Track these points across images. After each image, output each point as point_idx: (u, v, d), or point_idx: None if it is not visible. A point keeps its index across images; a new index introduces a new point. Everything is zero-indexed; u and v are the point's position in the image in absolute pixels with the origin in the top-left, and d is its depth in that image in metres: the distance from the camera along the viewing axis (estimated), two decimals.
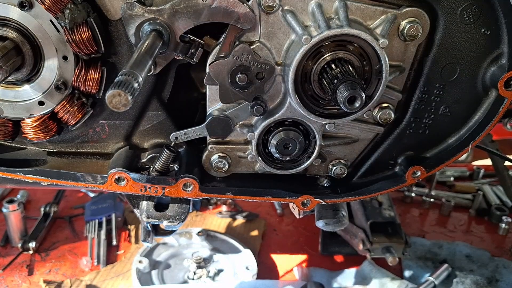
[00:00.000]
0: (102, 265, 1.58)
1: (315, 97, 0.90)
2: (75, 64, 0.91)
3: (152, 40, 0.79)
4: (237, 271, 1.56)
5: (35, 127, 0.97)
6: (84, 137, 1.04)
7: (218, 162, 1.00)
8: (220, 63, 0.86)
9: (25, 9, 0.86)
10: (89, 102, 0.97)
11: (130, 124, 1.04)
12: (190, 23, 0.84)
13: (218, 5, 0.82)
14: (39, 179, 0.96)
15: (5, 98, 0.96)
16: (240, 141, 1.00)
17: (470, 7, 0.89)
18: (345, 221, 1.08)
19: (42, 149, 1.05)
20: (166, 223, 1.00)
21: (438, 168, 1.02)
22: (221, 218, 1.87)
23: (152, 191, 0.96)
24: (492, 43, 0.92)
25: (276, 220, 1.88)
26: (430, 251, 1.67)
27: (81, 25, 0.86)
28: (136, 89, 0.62)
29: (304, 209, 1.02)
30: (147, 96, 1.01)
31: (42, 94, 0.95)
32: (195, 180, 0.96)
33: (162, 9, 0.82)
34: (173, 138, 0.98)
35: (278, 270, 1.61)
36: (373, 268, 1.55)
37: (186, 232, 1.71)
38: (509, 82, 0.92)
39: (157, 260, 1.60)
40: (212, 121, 0.95)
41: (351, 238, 1.56)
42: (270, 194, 1.01)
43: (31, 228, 1.70)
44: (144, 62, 0.70)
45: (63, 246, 1.68)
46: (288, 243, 1.75)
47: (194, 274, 1.53)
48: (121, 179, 0.95)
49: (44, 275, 1.53)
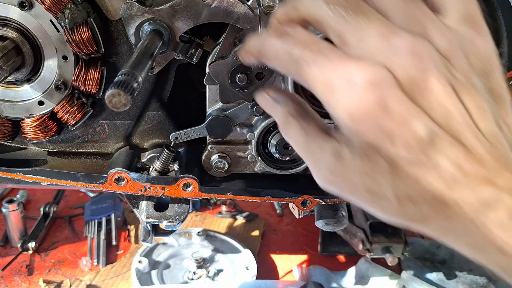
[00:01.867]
0: (102, 265, 1.58)
1: (315, 97, 0.90)
2: (75, 64, 0.92)
3: (152, 40, 0.79)
4: (237, 271, 1.56)
5: (34, 127, 0.97)
6: (84, 137, 1.04)
7: (218, 162, 1.00)
8: (220, 63, 0.86)
9: (25, 9, 0.86)
10: (89, 102, 0.97)
11: (130, 124, 1.04)
12: (190, 23, 0.84)
13: (218, 5, 0.82)
14: (38, 179, 0.96)
15: (5, 98, 0.96)
16: (240, 141, 1.00)
17: None
18: (345, 221, 1.08)
19: (42, 149, 1.05)
20: (166, 223, 1.00)
21: None
22: (221, 218, 1.87)
23: (152, 191, 0.96)
24: None
25: (275, 220, 1.88)
26: (428, 251, 1.67)
27: (81, 25, 0.86)
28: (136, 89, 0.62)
29: (304, 209, 1.02)
30: (147, 96, 1.01)
31: (42, 94, 0.95)
32: (194, 180, 0.96)
33: (162, 9, 0.82)
34: (172, 138, 0.98)
35: (277, 270, 1.61)
36: (369, 266, 1.55)
37: (185, 232, 1.71)
38: (509, 82, 0.92)
39: (156, 260, 1.60)
40: (212, 121, 0.95)
41: (351, 238, 1.56)
42: (270, 194, 1.01)
43: (30, 228, 1.70)
44: (144, 62, 0.70)
45: (62, 246, 1.68)
46: (287, 243, 1.75)
47: (193, 274, 1.53)
48: (121, 179, 0.95)
49: (43, 275, 1.53)
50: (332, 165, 0.55)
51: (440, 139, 0.48)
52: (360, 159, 0.52)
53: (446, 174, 0.48)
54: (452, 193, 0.48)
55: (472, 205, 0.47)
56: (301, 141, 0.60)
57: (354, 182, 0.54)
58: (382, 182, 0.52)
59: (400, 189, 0.51)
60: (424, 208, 0.50)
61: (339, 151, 0.54)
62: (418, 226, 0.54)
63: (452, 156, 0.48)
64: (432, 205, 0.50)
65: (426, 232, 0.54)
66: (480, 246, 0.49)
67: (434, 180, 0.49)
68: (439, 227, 0.52)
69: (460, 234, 0.50)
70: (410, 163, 0.49)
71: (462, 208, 0.48)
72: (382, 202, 0.53)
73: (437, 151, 0.48)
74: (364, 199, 0.55)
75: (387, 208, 0.54)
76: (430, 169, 0.49)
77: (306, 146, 0.60)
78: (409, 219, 0.53)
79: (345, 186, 0.56)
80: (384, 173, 0.51)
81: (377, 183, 0.52)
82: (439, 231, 0.53)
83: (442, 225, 0.51)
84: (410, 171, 0.50)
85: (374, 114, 0.49)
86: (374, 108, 0.49)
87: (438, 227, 0.52)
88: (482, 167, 0.48)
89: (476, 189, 0.47)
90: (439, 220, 0.51)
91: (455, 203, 0.48)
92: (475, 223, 0.48)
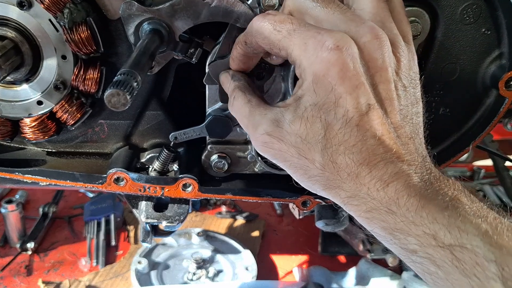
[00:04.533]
0: (101, 265, 1.58)
1: None
2: (74, 63, 0.91)
3: (152, 40, 0.79)
4: (237, 272, 1.55)
5: (33, 127, 0.97)
6: (83, 137, 1.04)
7: (217, 162, 1.00)
8: (220, 63, 0.85)
9: (24, 9, 0.86)
10: (88, 102, 0.97)
11: (129, 124, 1.03)
12: (190, 22, 0.84)
13: (218, 5, 0.82)
14: (37, 179, 0.96)
15: (4, 97, 0.95)
16: (240, 141, 1.00)
17: (470, 6, 0.89)
18: (345, 222, 1.07)
19: (41, 149, 1.04)
20: (165, 223, 1.00)
21: (438, 168, 1.02)
22: (221, 219, 1.87)
23: (151, 191, 0.96)
24: (493, 43, 0.92)
25: (275, 221, 1.88)
26: None
27: (80, 25, 0.86)
28: (135, 89, 0.62)
29: (304, 209, 1.02)
30: (146, 95, 1.00)
31: (41, 93, 0.94)
32: (194, 180, 0.96)
33: (162, 8, 0.82)
34: (172, 138, 0.98)
35: (278, 271, 1.61)
36: (370, 266, 1.54)
37: (185, 233, 1.71)
38: (510, 82, 0.91)
39: (156, 260, 1.60)
40: (212, 121, 0.95)
41: (351, 238, 1.56)
42: (270, 194, 1.01)
43: (30, 229, 1.70)
44: (143, 62, 0.70)
45: (62, 246, 1.68)
46: (287, 243, 1.75)
47: (193, 274, 1.53)
48: (120, 179, 0.95)
49: (42, 275, 1.53)
50: (271, 129, 0.64)
51: (375, 117, 0.58)
52: (299, 123, 0.61)
53: (369, 147, 0.58)
54: (372, 161, 0.57)
55: (381, 177, 0.57)
56: (246, 110, 0.68)
57: (288, 145, 0.62)
58: (313, 146, 0.60)
59: (327, 154, 0.59)
60: (342, 175, 0.59)
61: (279, 118, 0.63)
62: (329, 192, 0.62)
63: (378, 134, 0.58)
64: (350, 173, 0.58)
65: (333, 199, 0.63)
66: (373, 209, 0.59)
67: (358, 151, 0.58)
68: (349, 195, 0.60)
69: (363, 200, 0.59)
70: (343, 132, 0.58)
71: (373, 178, 0.57)
72: (308, 166, 0.62)
73: (369, 127, 0.58)
74: (293, 164, 0.64)
75: (310, 173, 0.62)
76: (358, 140, 0.58)
77: (250, 114, 0.67)
78: (326, 186, 0.62)
79: (279, 150, 0.64)
80: (318, 137, 0.60)
81: (308, 147, 0.61)
82: (346, 199, 0.61)
83: (352, 193, 0.60)
84: (340, 139, 0.58)
85: (332, 75, 0.58)
86: (335, 69, 0.58)
87: (348, 195, 0.60)
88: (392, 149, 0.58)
89: (385, 166, 0.57)
90: (351, 188, 0.59)
91: (369, 172, 0.57)
92: (378, 189, 0.57)
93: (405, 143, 0.60)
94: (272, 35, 0.63)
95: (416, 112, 0.65)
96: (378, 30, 0.61)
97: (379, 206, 0.57)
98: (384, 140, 0.58)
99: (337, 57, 0.57)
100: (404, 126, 0.62)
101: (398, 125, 0.61)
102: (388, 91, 0.61)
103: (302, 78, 0.62)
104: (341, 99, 0.58)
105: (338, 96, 0.58)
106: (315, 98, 0.59)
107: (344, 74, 0.58)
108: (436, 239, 0.53)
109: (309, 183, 0.64)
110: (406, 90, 0.64)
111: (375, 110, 0.58)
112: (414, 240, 0.55)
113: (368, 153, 0.57)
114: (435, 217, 0.54)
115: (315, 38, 0.59)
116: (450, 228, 0.53)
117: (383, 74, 0.60)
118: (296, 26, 0.62)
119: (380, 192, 0.57)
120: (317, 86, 0.59)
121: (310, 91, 0.60)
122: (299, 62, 0.61)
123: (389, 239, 0.58)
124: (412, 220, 0.55)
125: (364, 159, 0.58)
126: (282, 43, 0.62)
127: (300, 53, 0.61)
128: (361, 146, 0.58)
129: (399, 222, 0.56)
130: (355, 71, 0.58)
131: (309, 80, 0.60)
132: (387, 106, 0.60)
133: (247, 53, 0.73)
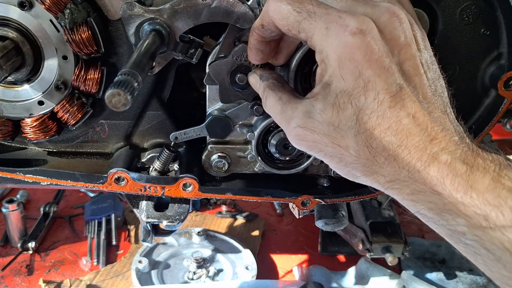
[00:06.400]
0: (102, 265, 1.58)
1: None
2: (75, 64, 0.92)
3: (152, 40, 0.79)
4: (237, 271, 1.56)
5: (34, 127, 0.97)
6: (84, 137, 1.04)
7: (218, 162, 1.00)
8: (220, 63, 0.86)
9: (25, 9, 0.86)
10: (89, 102, 0.97)
11: (130, 124, 1.04)
12: (190, 23, 0.84)
13: (218, 5, 0.82)
14: (38, 179, 0.96)
15: (5, 98, 0.96)
16: (240, 141, 1.00)
17: (469, 7, 0.89)
18: (345, 221, 1.08)
19: (42, 149, 1.05)
20: (166, 223, 1.00)
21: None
22: (221, 218, 1.87)
23: (152, 191, 0.96)
24: (492, 43, 0.92)
25: (275, 220, 1.88)
26: (428, 251, 1.67)
27: (81, 25, 0.86)
28: (136, 89, 0.62)
29: (304, 209, 1.02)
30: (147, 96, 1.01)
31: (42, 94, 0.95)
32: (194, 180, 0.96)
33: (162, 9, 0.82)
34: (172, 138, 0.98)
35: (277, 270, 1.61)
36: (369, 265, 1.55)
37: (185, 232, 1.71)
38: (509, 82, 0.92)
39: (156, 260, 1.60)
40: (212, 121, 0.95)
41: (351, 237, 1.56)
42: (270, 194, 1.01)
43: (30, 228, 1.70)
44: (143, 62, 0.70)
45: (63, 246, 1.68)
46: (287, 243, 1.75)
47: (193, 274, 1.53)
48: (121, 178, 0.95)
49: (43, 275, 1.53)
50: (303, 121, 0.63)
51: (406, 96, 0.57)
52: (331, 109, 0.60)
53: (404, 128, 0.56)
54: (410, 142, 0.56)
55: (420, 158, 0.56)
56: (278, 107, 0.68)
57: (321, 135, 0.62)
58: (346, 132, 0.59)
59: (361, 140, 0.58)
60: (379, 159, 0.58)
61: (310, 110, 0.63)
62: (368, 179, 0.61)
63: (411, 112, 0.57)
64: (387, 156, 0.57)
65: (373, 185, 0.62)
66: (417, 191, 0.57)
67: (393, 133, 0.56)
68: (388, 179, 0.59)
69: (404, 183, 0.57)
70: (376, 115, 0.57)
71: (412, 159, 0.56)
72: (343, 154, 0.61)
73: (402, 107, 0.57)
74: (328, 153, 0.63)
75: (346, 160, 0.61)
76: (392, 122, 0.57)
77: (282, 111, 0.67)
78: (363, 172, 0.61)
79: (313, 141, 0.63)
80: (351, 123, 0.59)
81: (341, 134, 0.60)
82: (386, 184, 0.60)
83: (392, 177, 0.58)
84: (374, 123, 0.57)
85: (358, 59, 0.57)
86: (360, 53, 0.57)
87: (387, 179, 0.59)
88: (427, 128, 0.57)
89: (423, 145, 0.56)
90: (390, 172, 0.58)
91: (408, 153, 0.56)
92: (419, 171, 0.55)
93: (440, 117, 0.59)
94: (291, 16, 0.62)
95: (442, 86, 0.64)
96: (395, 8, 0.60)
97: (423, 188, 0.56)
98: (418, 117, 0.57)
99: (361, 41, 0.57)
100: (436, 101, 0.60)
101: (430, 100, 0.60)
102: (415, 67, 0.60)
103: (326, 64, 0.61)
104: (370, 83, 0.57)
105: (367, 80, 0.57)
106: (343, 84, 0.58)
107: (370, 57, 0.57)
108: (488, 220, 0.51)
109: (346, 171, 0.63)
110: (429, 65, 0.63)
111: (405, 89, 0.57)
112: (463, 221, 0.53)
113: (404, 133, 0.56)
114: (486, 198, 0.52)
115: (337, 23, 0.58)
116: (502, 208, 0.51)
117: (408, 50, 0.60)
118: (316, 8, 0.61)
119: (421, 173, 0.55)
120: (343, 72, 0.58)
121: (337, 77, 0.59)
122: (320, 47, 0.60)
123: (437, 220, 0.56)
124: (461, 201, 0.53)
125: (402, 140, 0.56)
126: (302, 25, 0.61)
127: (321, 38, 0.60)
128: (396, 127, 0.56)
129: (448, 203, 0.54)
130: (380, 53, 0.57)
131: (334, 66, 0.59)
132: (416, 82, 0.60)
133: (264, 38, 0.71)
